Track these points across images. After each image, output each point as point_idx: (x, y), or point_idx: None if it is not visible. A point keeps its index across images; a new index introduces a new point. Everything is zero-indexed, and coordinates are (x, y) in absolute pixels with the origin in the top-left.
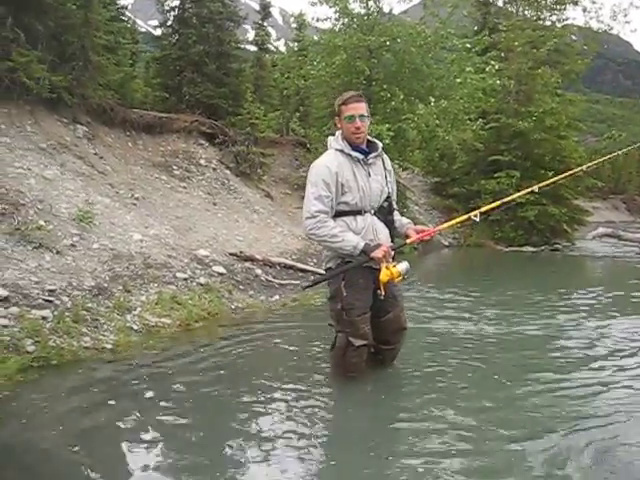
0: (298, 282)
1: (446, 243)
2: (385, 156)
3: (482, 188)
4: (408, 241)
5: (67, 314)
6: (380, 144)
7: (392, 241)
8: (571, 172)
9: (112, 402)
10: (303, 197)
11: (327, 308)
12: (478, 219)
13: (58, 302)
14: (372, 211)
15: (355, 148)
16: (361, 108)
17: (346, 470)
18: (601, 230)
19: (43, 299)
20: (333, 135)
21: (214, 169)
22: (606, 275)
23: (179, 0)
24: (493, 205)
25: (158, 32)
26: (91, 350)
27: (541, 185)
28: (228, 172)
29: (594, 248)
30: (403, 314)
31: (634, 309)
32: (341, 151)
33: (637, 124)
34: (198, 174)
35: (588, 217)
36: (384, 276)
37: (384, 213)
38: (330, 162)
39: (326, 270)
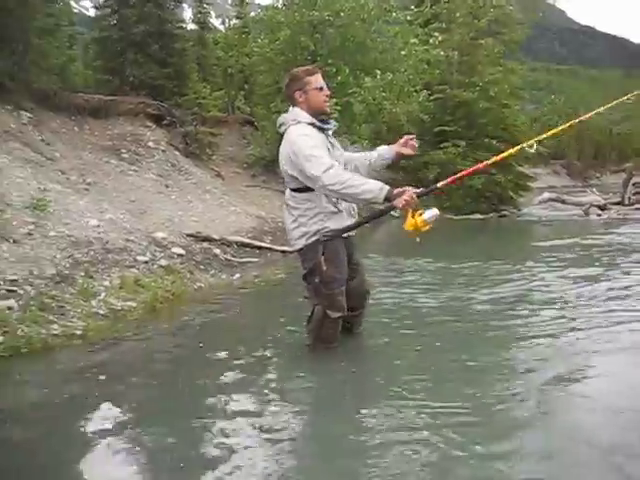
0: (257, 259)
1: (396, 214)
2: None
3: (429, 159)
4: (439, 184)
5: (32, 303)
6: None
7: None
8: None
9: (72, 393)
10: (253, 175)
11: (301, 282)
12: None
13: (21, 292)
14: None
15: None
16: (322, 78)
17: (324, 435)
18: (546, 195)
19: (6, 289)
20: (281, 112)
21: (163, 151)
22: (552, 235)
23: None
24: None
25: (92, 13)
26: (61, 337)
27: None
28: (177, 153)
29: (540, 213)
30: (366, 278)
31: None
32: (312, 124)
33: (574, 90)
34: (147, 157)
35: (532, 183)
36: (408, 225)
37: None
38: (311, 131)
39: (305, 247)
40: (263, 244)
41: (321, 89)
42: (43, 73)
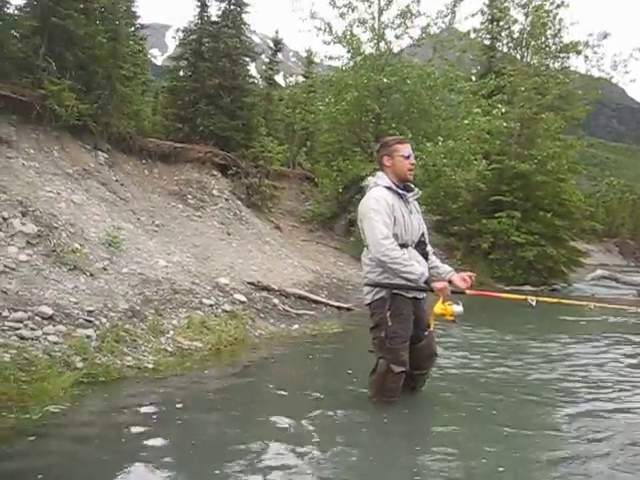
0: (313, 313)
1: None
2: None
3: (483, 227)
4: (468, 292)
5: (108, 334)
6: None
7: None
8: None
9: (154, 419)
10: (310, 230)
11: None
12: (534, 303)
13: (98, 322)
14: (413, 245)
15: (398, 187)
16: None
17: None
18: (599, 272)
19: (84, 319)
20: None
21: (226, 199)
22: (606, 313)
23: (196, 34)
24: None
25: (159, 61)
26: (134, 369)
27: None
28: (240, 203)
29: (591, 289)
30: (434, 341)
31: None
32: (389, 188)
33: (630, 169)
34: (211, 204)
35: (584, 259)
36: (438, 309)
37: (422, 247)
38: (385, 195)
39: (372, 302)
40: (320, 298)
41: (407, 157)
42: (123, 118)
